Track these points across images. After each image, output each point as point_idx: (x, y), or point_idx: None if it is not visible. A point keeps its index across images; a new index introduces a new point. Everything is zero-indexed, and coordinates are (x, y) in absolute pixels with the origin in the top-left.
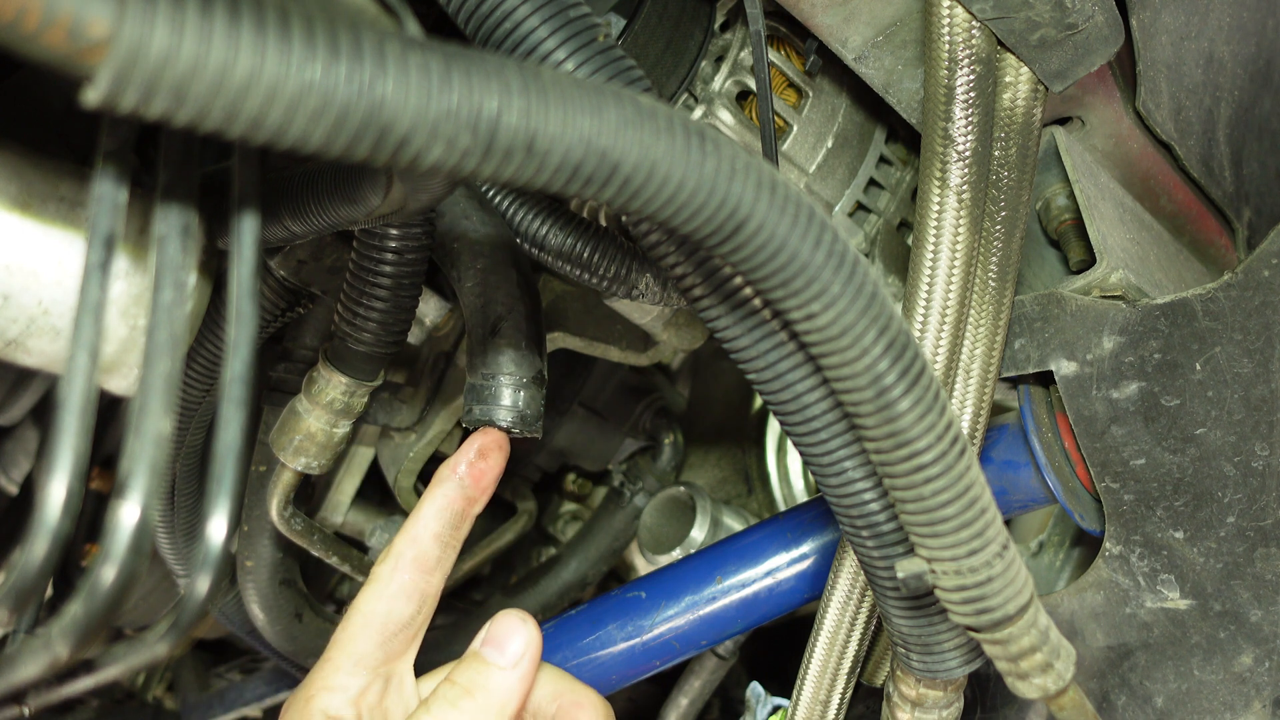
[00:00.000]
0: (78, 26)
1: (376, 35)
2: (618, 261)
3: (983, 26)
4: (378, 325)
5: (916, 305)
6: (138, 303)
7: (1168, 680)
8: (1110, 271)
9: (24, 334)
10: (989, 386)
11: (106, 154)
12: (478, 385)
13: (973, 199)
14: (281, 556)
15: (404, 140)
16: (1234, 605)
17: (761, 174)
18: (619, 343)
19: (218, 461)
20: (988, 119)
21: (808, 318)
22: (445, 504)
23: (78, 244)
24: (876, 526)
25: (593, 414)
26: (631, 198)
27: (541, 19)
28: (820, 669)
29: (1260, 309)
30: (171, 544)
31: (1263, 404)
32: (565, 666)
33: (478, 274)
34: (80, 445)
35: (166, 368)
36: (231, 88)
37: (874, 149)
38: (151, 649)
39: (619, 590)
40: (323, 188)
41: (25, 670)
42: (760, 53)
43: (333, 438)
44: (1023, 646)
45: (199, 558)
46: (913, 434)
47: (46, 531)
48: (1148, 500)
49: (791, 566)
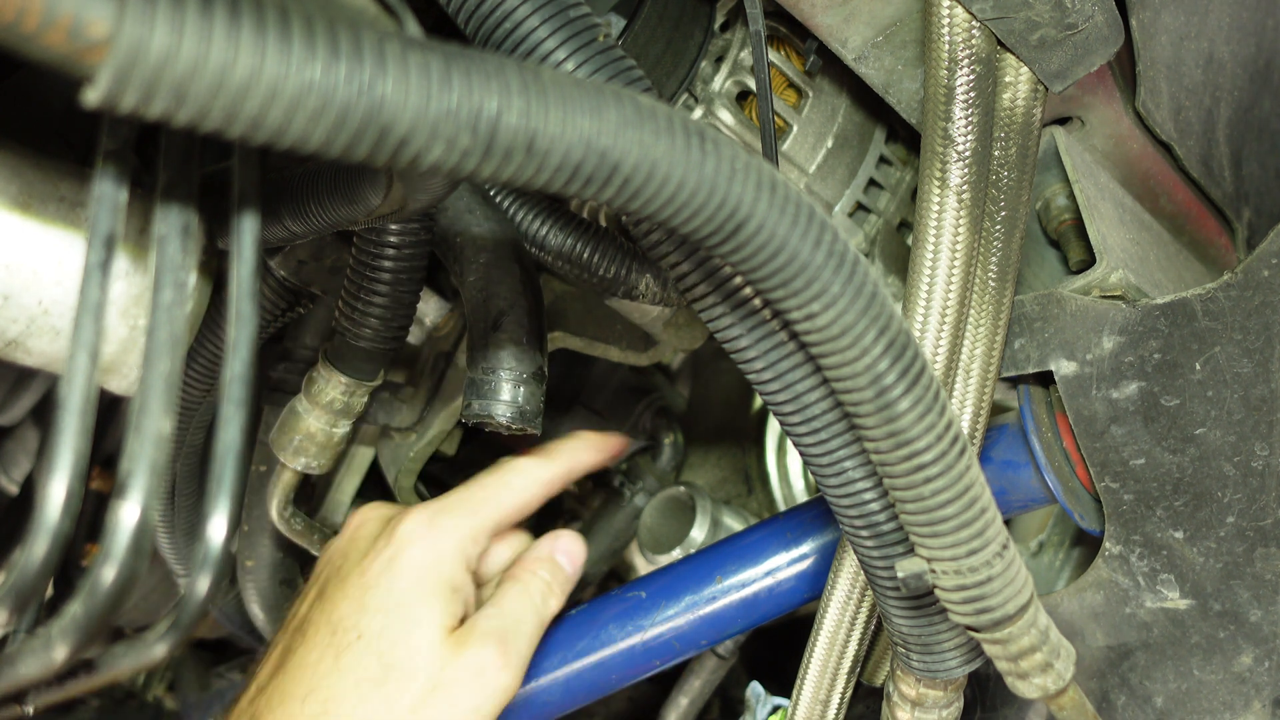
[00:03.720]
0: (78, 26)
1: (376, 35)
2: (618, 262)
3: (983, 26)
4: (378, 321)
5: (916, 305)
6: (138, 303)
7: (1167, 680)
8: (1110, 271)
9: (24, 334)
10: (989, 386)
11: (106, 154)
12: (477, 380)
13: (973, 199)
14: (282, 556)
15: (404, 140)
16: (1234, 605)
17: (761, 174)
18: (619, 343)
19: (218, 461)
20: (988, 119)
21: (808, 318)
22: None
23: (78, 244)
24: (876, 526)
25: (593, 414)
26: (631, 198)
27: (541, 19)
28: (820, 669)
29: (1260, 309)
30: (171, 544)
31: (1263, 404)
32: (565, 666)
33: (480, 269)
34: (80, 445)
35: (166, 368)
36: (231, 88)
37: (874, 149)
38: (151, 649)
39: (619, 590)
40: (323, 188)
41: (25, 670)
42: (760, 53)
43: (332, 438)
44: (1023, 646)
45: (199, 558)
46: (913, 434)
47: (46, 531)
48: (1147, 500)
49: (791, 566)
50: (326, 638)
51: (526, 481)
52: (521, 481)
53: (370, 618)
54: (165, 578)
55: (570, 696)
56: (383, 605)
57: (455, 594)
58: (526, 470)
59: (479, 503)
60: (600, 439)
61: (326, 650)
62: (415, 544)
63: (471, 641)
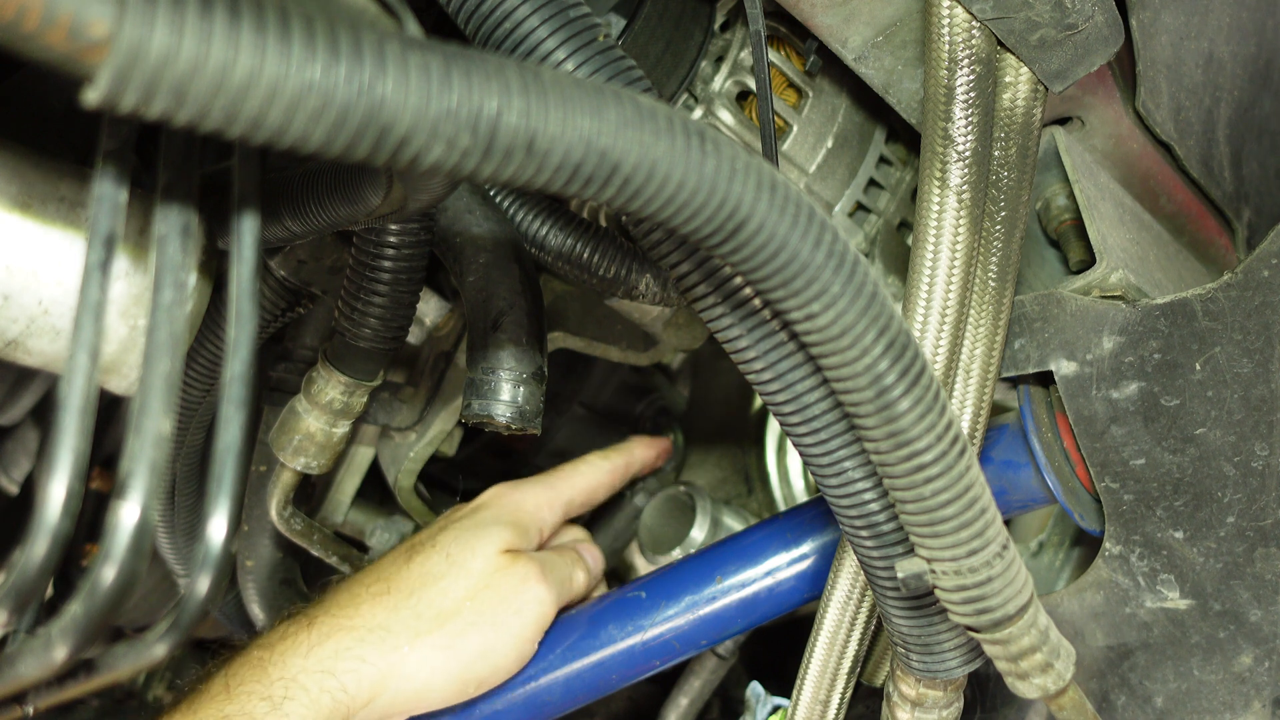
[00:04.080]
0: (78, 26)
1: (376, 35)
2: (618, 262)
3: (983, 26)
4: (377, 321)
5: (916, 305)
6: (138, 303)
7: (1167, 680)
8: (1110, 271)
9: (24, 334)
10: (989, 386)
11: (106, 154)
12: (477, 380)
13: (973, 199)
14: (282, 556)
15: (404, 140)
16: (1234, 605)
17: (761, 174)
18: (619, 343)
19: (218, 461)
20: (988, 119)
21: (808, 318)
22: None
23: (78, 244)
24: (876, 526)
25: (593, 414)
26: (631, 198)
27: (541, 19)
28: (820, 669)
29: (1260, 309)
30: (171, 544)
31: (1262, 404)
32: (565, 666)
33: (480, 269)
34: (80, 445)
35: (166, 368)
36: (231, 88)
37: (874, 149)
38: (151, 649)
39: (619, 590)
40: (323, 188)
41: (25, 670)
42: (760, 53)
43: (332, 438)
44: (1023, 646)
45: (199, 558)
46: (913, 434)
47: (46, 531)
48: (1147, 500)
49: (791, 566)
50: (403, 551)
51: (596, 471)
52: (591, 470)
53: (446, 533)
54: (165, 578)
55: (570, 696)
56: (459, 526)
57: (524, 533)
58: (595, 462)
59: (554, 480)
60: (654, 440)
61: (400, 556)
62: (499, 497)
63: (521, 559)
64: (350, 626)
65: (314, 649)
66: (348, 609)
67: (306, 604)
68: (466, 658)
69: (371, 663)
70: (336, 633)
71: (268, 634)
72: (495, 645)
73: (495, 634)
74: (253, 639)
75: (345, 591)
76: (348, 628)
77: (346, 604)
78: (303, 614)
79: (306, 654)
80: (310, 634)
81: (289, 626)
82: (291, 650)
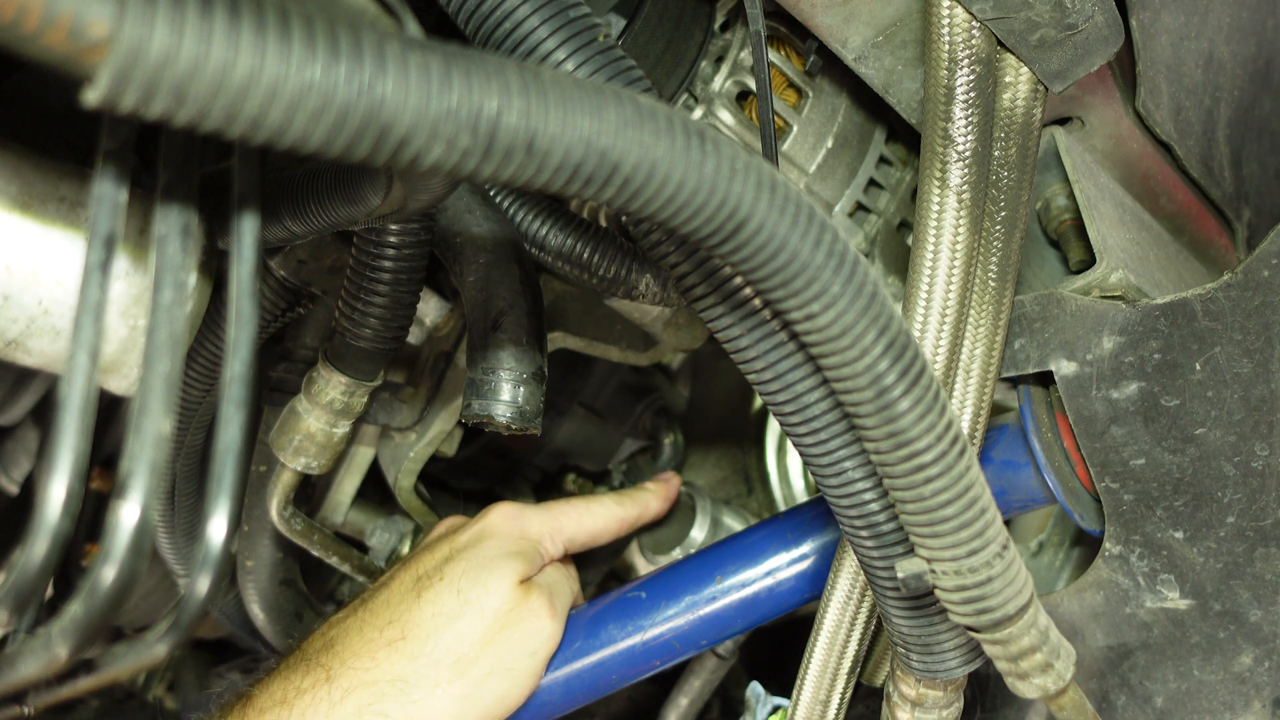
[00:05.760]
0: (78, 26)
1: (376, 35)
2: (618, 262)
3: (983, 26)
4: (377, 321)
5: (916, 305)
6: (138, 303)
7: (1167, 680)
8: (1110, 271)
9: (24, 334)
10: (989, 386)
11: (106, 154)
12: (477, 380)
13: (973, 199)
14: (281, 556)
15: (404, 140)
16: (1234, 605)
17: (761, 174)
18: (619, 343)
19: (218, 461)
20: (988, 119)
21: (808, 318)
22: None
23: (78, 244)
24: (876, 526)
25: (593, 414)
26: (631, 198)
27: (541, 19)
28: (820, 669)
29: (1260, 309)
30: (171, 544)
31: (1262, 404)
32: (565, 666)
33: (480, 269)
34: (80, 445)
35: (166, 368)
36: (231, 88)
37: (874, 149)
38: (151, 649)
39: (619, 590)
40: (323, 188)
41: (25, 670)
42: (760, 53)
43: (332, 438)
44: (1023, 646)
45: (199, 558)
46: (913, 434)
47: (46, 531)
48: (1147, 500)
49: (791, 566)
50: (410, 583)
51: (606, 517)
52: (602, 514)
53: (454, 565)
54: (165, 578)
55: (570, 696)
56: (467, 558)
57: (532, 562)
58: (608, 506)
59: (561, 514)
60: (668, 489)
61: (409, 591)
62: (503, 522)
63: (533, 593)
64: (370, 681)
65: (335, 708)
66: (364, 659)
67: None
68: (484, 704)
69: (394, 717)
70: (357, 689)
71: (282, 685)
72: (511, 690)
73: (511, 680)
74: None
75: (358, 636)
76: (367, 682)
77: (363, 653)
78: (318, 663)
79: (328, 713)
80: (330, 691)
81: (304, 679)
82: (313, 710)
